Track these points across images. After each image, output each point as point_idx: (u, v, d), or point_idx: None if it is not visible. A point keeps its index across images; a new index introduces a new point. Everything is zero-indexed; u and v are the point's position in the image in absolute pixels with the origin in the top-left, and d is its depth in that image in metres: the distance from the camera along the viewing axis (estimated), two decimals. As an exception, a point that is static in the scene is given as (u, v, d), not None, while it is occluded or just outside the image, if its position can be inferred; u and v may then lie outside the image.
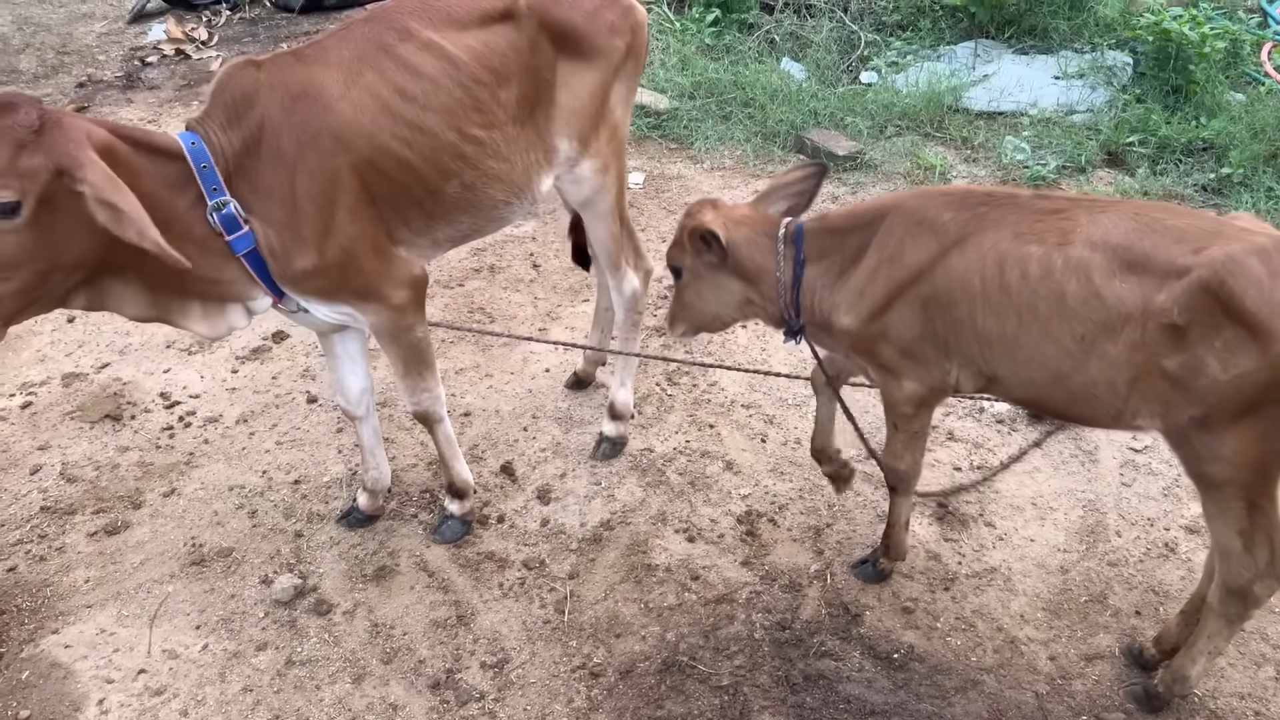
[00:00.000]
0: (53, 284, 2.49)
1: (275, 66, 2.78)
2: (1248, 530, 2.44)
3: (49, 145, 2.33)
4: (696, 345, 4.35)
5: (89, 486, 3.61)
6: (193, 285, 2.73)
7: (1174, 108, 5.78)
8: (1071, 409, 2.60)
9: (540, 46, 3.11)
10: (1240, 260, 2.22)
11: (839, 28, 6.96)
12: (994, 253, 2.50)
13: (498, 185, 3.11)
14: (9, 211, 2.31)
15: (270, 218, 2.73)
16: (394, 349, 3.13)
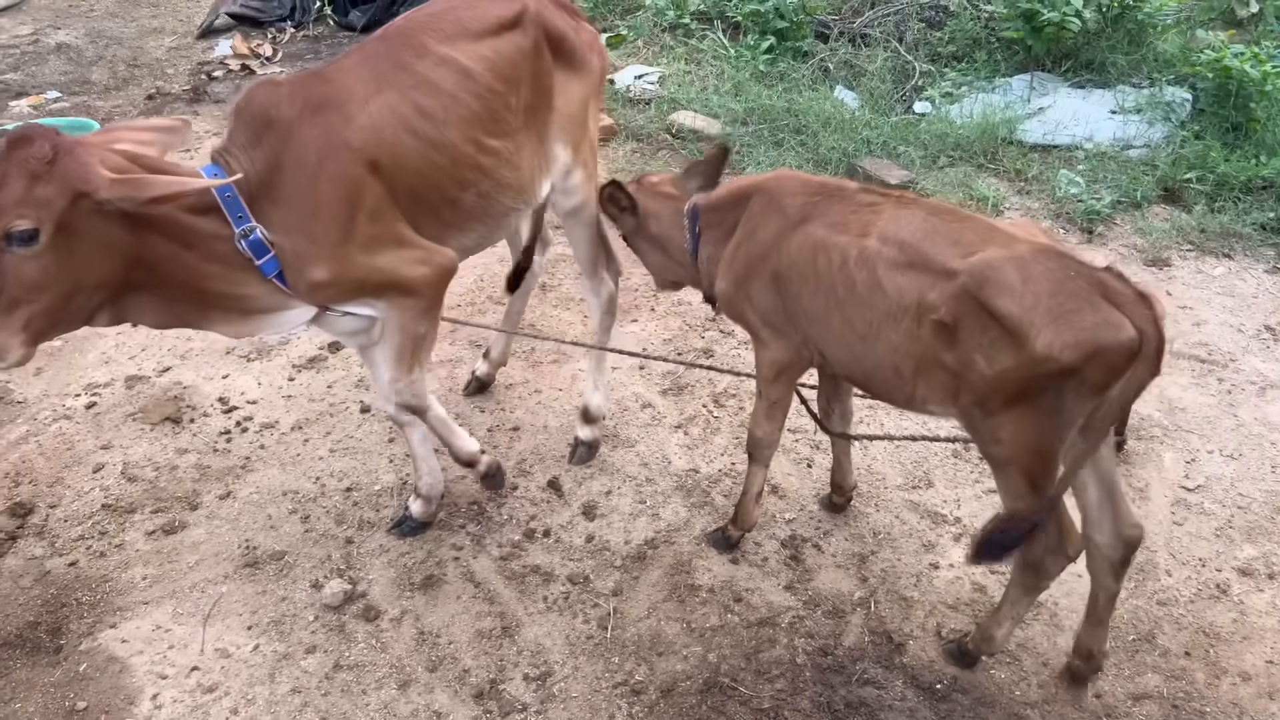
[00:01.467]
0: (77, 304, 2.60)
1: (296, 84, 2.87)
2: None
3: (62, 174, 2.44)
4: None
5: (148, 486, 3.71)
6: (212, 296, 2.81)
7: (1233, 145, 5.73)
8: (872, 387, 2.87)
9: (542, 53, 3.24)
10: (997, 267, 2.42)
11: (894, 57, 6.99)
12: (814, 238, 2.77)
13: (509, 193, 3.21)
14: (28, 239, 2.44)
15: (289, 227, 2.78)
16: (399, 338, 3.10)
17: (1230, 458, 3.87)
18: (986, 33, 6.98)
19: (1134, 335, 2.32)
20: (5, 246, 2.45)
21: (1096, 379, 2.37)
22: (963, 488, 3.73)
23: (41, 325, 2.57)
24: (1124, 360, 2.34)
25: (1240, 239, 5.20)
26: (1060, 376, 2.38)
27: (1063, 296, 2.36)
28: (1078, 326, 2.33)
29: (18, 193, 2.42)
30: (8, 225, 2.43)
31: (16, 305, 2.51)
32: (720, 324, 4.66)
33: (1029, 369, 2.39)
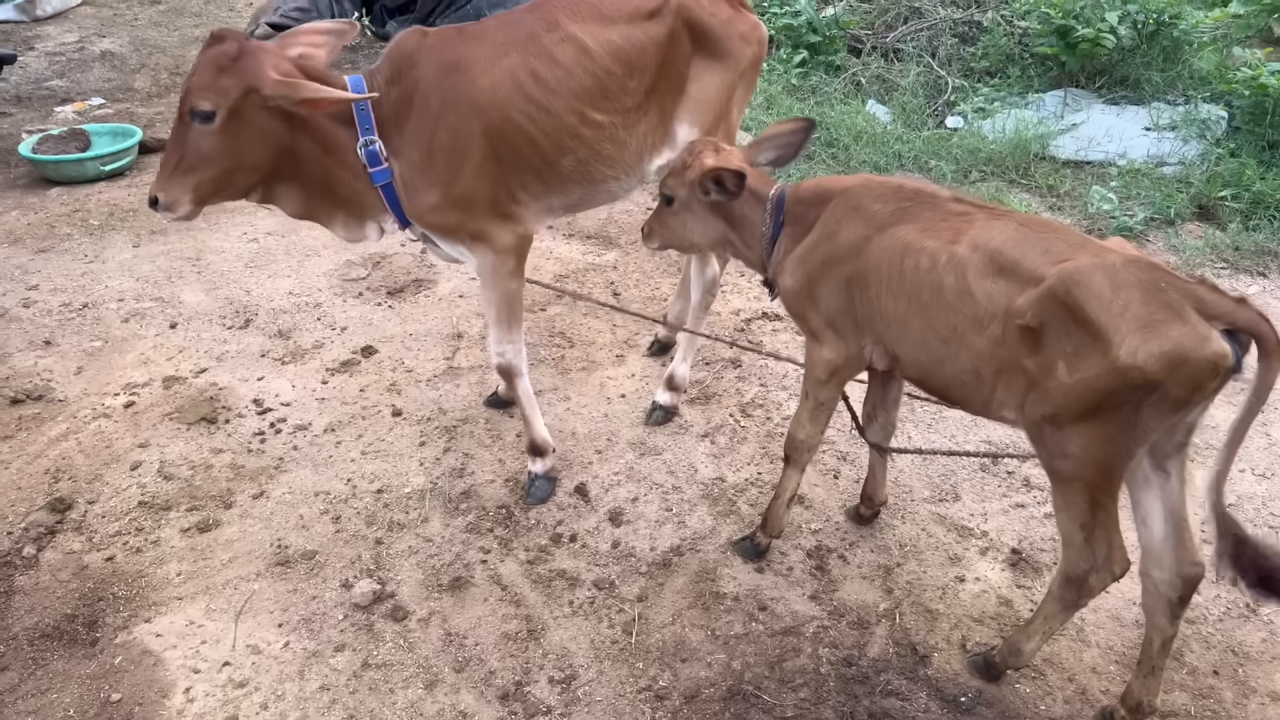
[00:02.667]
0: (236, 179, 3.19)
1: (438, 38, 3.32)
2: (1089, 525, 2.61)
3: (241, 70, 2.99)
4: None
5: (184, 485, 3.78)
6: (339, 198, 3.34)
7: (1269, 163, 5.68)
8: (950, 392, 2.85)
9: (679, 42, 3.52)
10: (1087, 272, 2.41)
11: (926, 72, 7.00)
12: (901, 242, 2.77)
13: (609, 164, 3.54)
14: (207, 118, 3.02)
15: (410, 159, 3.25)
16: (491, 293, 3.53)
17: (1262, 477, 3.84)
18: (1020, 48, 6.98)
19: (1221, 349, 2.29)
20: (190, 121, 3.04)
21: (1178, 393, 2.34)
22: (990, 501, 3.73)
23: (206, 190, 3.16)
24: (1208, 374, 2.31)
25: (1275, 257, 5.16)
26: (1142, 389, 2.35)
27: (1153, 306, 2.34)
28: (1164, 336, 2.30)
29: (206, 80, 3.00)
30: (193, 104, 3.02)
31: (191, 170, 3.11)
32: (748, 335, 4.68)
33: (1111, 378, 2.36)
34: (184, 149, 3.09)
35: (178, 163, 3.12)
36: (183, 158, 3.10)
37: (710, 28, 3.56)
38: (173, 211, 3.15)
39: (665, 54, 3.49)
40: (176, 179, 3.12)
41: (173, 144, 3.13)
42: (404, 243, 5.35)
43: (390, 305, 4.97)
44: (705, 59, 3.59)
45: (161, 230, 5.67)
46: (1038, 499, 3.73)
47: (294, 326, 4.78)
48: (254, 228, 5.70)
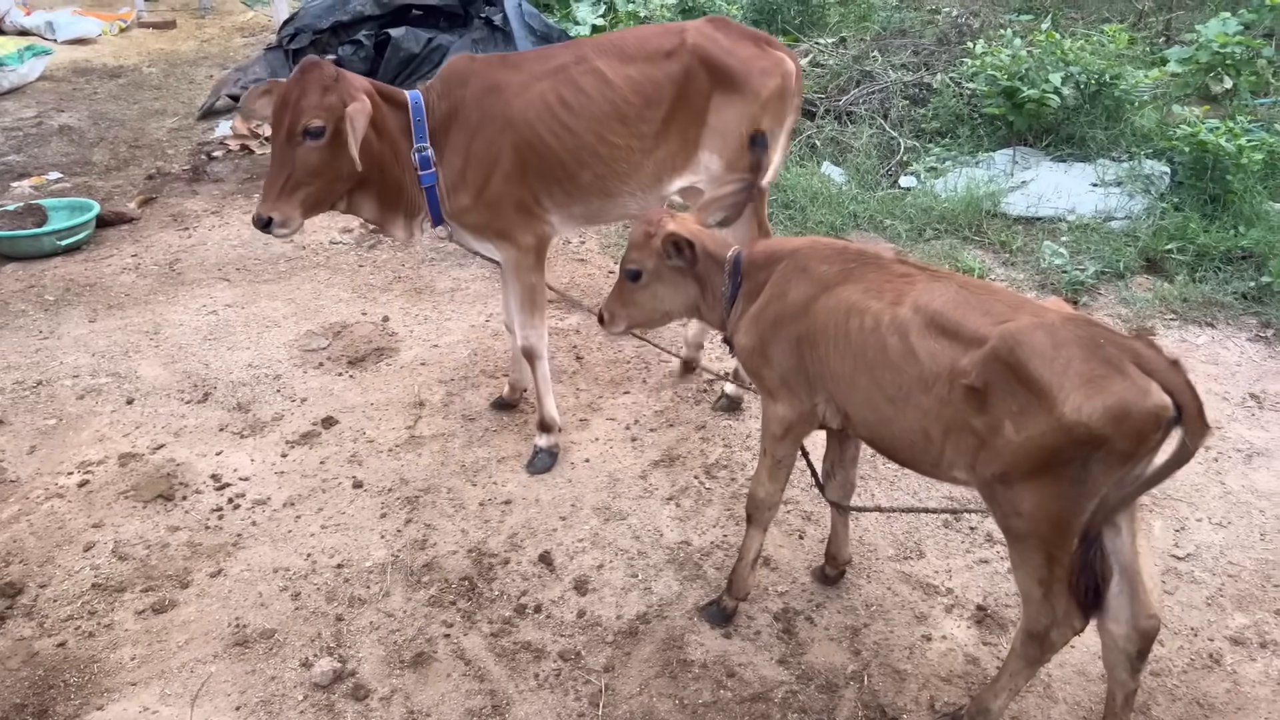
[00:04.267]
0: (336, 189, 3.66)
1: (484, 64, 3.94)
2: (1047, 580, 2.62)
3: (342, 89, 3.52)
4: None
5: (139, 565, 3.70)
6: (402, 201, 3.87)
7: (1212, 216, 5.84)
8: (899, 453, 2.89)
9: (696, 78, 3.93)
10: (1028, 331, 2.46)
11: (879, 134, 7.16)
12: (846, 303, 2.84)
13: (624, 181, 3.99)
14: (318, 134, 3.49)
15: (451, 165, 3.81)
16: (515, 285, 4.06)
17: (1219, 525, 3.89)
18: (969, 109, 7.16)
19: (1162, 401, 2.34)
20: (301, 139, 3.48)
21: (1124, 447, 2.38)
22: (954, 558, 3.74)
23: (312, 204, 3.61)
24: (1152, 427, 2.36)
25: (1222, 308, 5.28)
26: (1088, 444, 2.39)
27: (1094, 363, 2.39)
28: (1107, 391, 2.35)
29: (315, 100, 3.46)
30: (306, 123, 3.46)
31: (299, 186, 3.54)
32: (710, 394, 4.70)
33: (1057, 435, 2.40)
34: (292, 167, 3.51)
35: (285, 181, 3.52)
36: (290, 175, 3.52)
37: (728, 65, 3.94)
38: (287, 228, 3.57)
39: (681, 89, 3.91)
40: (285, 197, 3.53)
41: (278, 165, 3.53)
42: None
43: (351, 375, 4.95)
44: (725, 93, 3.96)
45: (118, 304, 5.63)
46: (1000, 554, 3.74)
47: (253, 399, 4.73)
48: (213, 299, 5.67)
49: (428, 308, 5.58)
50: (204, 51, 11.15)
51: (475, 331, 5.33)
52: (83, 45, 11.03)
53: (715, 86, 3.97)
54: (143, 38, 11.54)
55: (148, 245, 6.40)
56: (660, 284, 3.28)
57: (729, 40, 4.03)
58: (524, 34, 8.30)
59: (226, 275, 5.98)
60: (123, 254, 6.27)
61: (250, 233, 6.54)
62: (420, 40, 8.27)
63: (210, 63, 10.65)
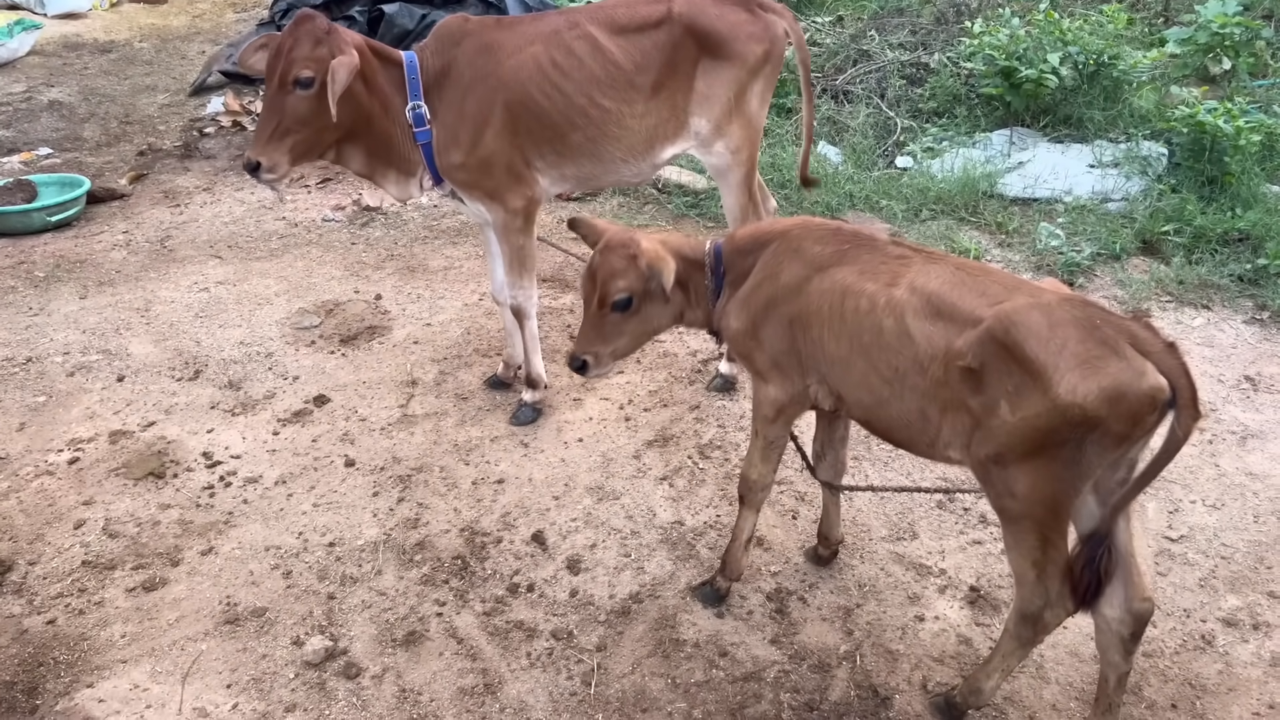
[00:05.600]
0: (324, 138, 3.76)
1: (479, 24, 4.00)
2: (1041, 562, 2.62)
3: (333, 41, 3.61)
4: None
5: (130, 543, 3.68)
6: (393, 157, 3.96)
7: (1209, 198, 5.82)
8: (895, 433, 2.88)
9: (684, 45, 3.98)
10: (1024, 312, 2.46)
11: (875, 114, 7.11)
12: (841, 284, 2.81)
13: (615, 145, 4.05)
14: (308, 84, 3.58)
15: (444, 122, 3.89)
16: (505, 245, 4.12)
17: (1213, 507, 3.88)
18: (966, 89, 7.11)
19: (1158, 383, 2.34)
20: (291, 88, 3.58)
21: (1119, 428, 2.37)
22: (947, 539, 3.73)
23: (300, 151, 3.72)
24: (1147, 409, 2.35)
25: (1218, 290, 5.26)
26: (1083, 425, 2.38)
27: (1090, 343, 2.38)
28: (1102, 372, 2.34)
29: (306, 51, 3.57)
30: (297, 73, 3.56)
31: (288, 133, 3.65)
32: (705, 375, 4.68)
33: (1052, 415, 2.39)
34: (282, 114, 3.61)
35: (275, 128, 3.63)
36: (280, 123, 3.62)
37: (716, 31, 3.99)
38: (274, 173, 3.66)
39: (669, 56, 3.98)
40: (275, 143, 3.64)
41: (269, 112, 3.64)
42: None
43: (343, 353, 4.92)
44: (712, 59, 4.02)
45: (109, 281, 5.58)
46: (994, 535, 3.74)
47: (245, 377, 4.70)
48: (204, 277, 5.63)
49: (421, 286, 5.55)
50: (196, 27, 11.04)
51: (469, 310, 5.30)
52: (73, 20, 10.92)
53: (703, 52, 4.01)
54: (134, 13, 11.42)
55: (139, 222, 6.35)
56: (649, 305, 3.18)
57: (717, 6, 4.05)
58: (519, 8, 8.23)
59: (218, 252, 5.94)
60: (113, 230, 6.22)
61: (243, 209, 6.50)
62: (414, 16, 8.20)
63: (202, 38, 10.55)
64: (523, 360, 4.43)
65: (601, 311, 3.13)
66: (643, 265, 3.06)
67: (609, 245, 3.13)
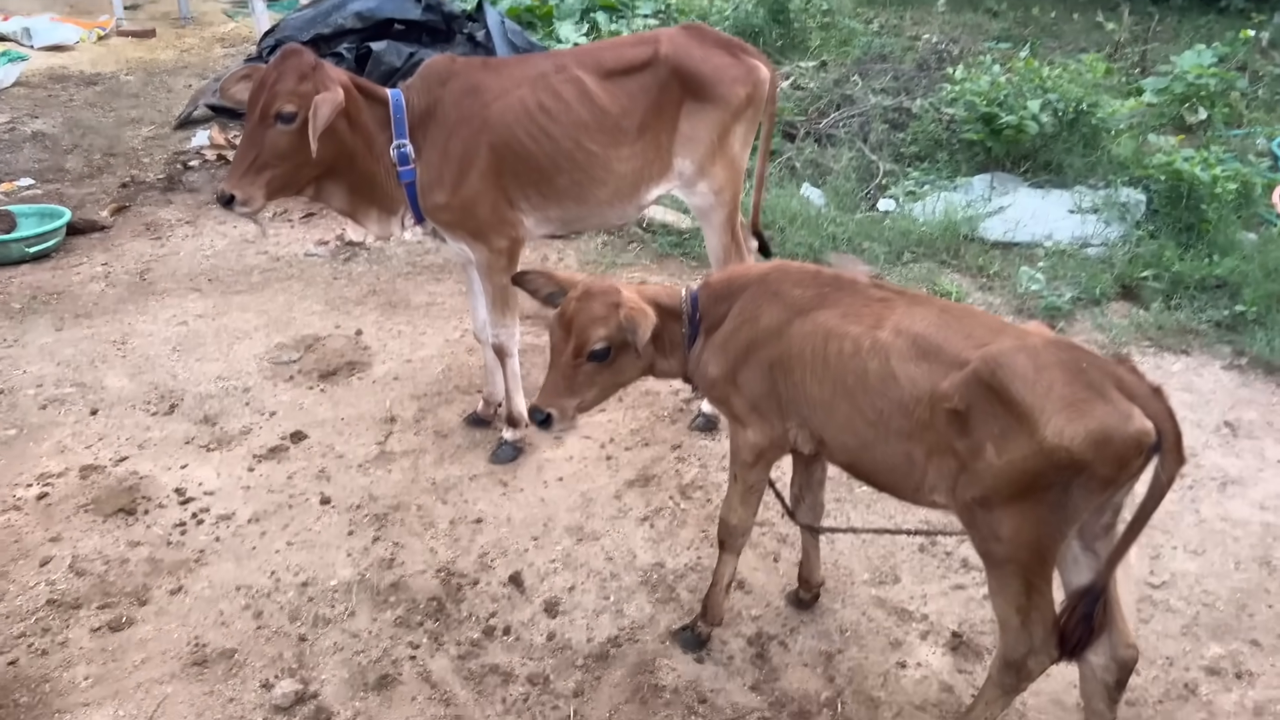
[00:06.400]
0: (303, 174, 3.70)
1: (466, 65, 4.00)
2: (1025, 608, 2.59)
3: (318, 77, 3.59)
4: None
5: (97, 581, 3.60)
6: (375, 194, 3.92)
7: (1187, 245, 5.87)
8: (879, 477, 2.85)
9: (669, 87, 4.01)
10: (1010, 354, 2.45)
11: (858, 157, 7.17)
12: (824, 327, 2.80)
13: (601, 188, 4.04)
14: (290, 118, 3.55)
15: (428, 161, 3.86)
16: (487, 285, 4.11)
17: (1194, 554, 3.87)
18: (948, 134, 7.18)
19: (1144, 427, 2.33)
20: (272, 122, 3.55)
21: (1105, 472, 2.36)
22: (929, 583, 3.70)
23: (277, 185, 3.66)
24: (1133, 452, 2.34)
25: (1197, 335, 5.29)
26: (1069, 469, 2.36)
27: (1076, 386, 2.38)
28: (1089, 415, 2.33)
29: (290, 85, 3.54)
30: (279, 107, 3.53)
31: (265, 167, 3.60)
32: (687, 413, 4.65)
33: (1039, 459, 2.38)
34: (261, 148, 3.58)
35: (253, 161, 3.58)
36: (258, 156, 3.58)
37: (701, 73, 4.01)
38: (248, 207, 3.62)
39: (655, 98, 4.00)
40: (251, 176, 3.59)
41: (247, 145, 3.60)
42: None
43: (322, 389, 4.87)
44: (696, 101, 4.04)
45: (86, 313, 5.52)
46: (976, 580, 3.70)
47: (221, 412, 4.64)
48: (183, 310, 5.57)
49: (402, 321, 5.51)
50: (183, 61, 11.05)
51: (450, 346, 5.26)
52: (60, 52, 10.90)
53: (687, 95, 4.05)
54: (121, 46, 11.42)
55: (119, 254, 6.30)
56: (624, 356, 3.07)
57: (702, 49, 4.10)
58: (506, 50, 8.27)
59: (198, 285, 5.89)
60: (93, 262, 6.17)
61: (225, 242, 6.47)
62: (402, 54, 8.22)
63: (189, 72, 10.55)
64: (504, 398, 4.39)
65: (575, 361, 3.01)
66: (622, 317, 2.96)
67: (588, 292, 3.02)
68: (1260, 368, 5.03)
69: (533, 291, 3.26)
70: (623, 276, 6.02)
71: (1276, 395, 4.86)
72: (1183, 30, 10.36)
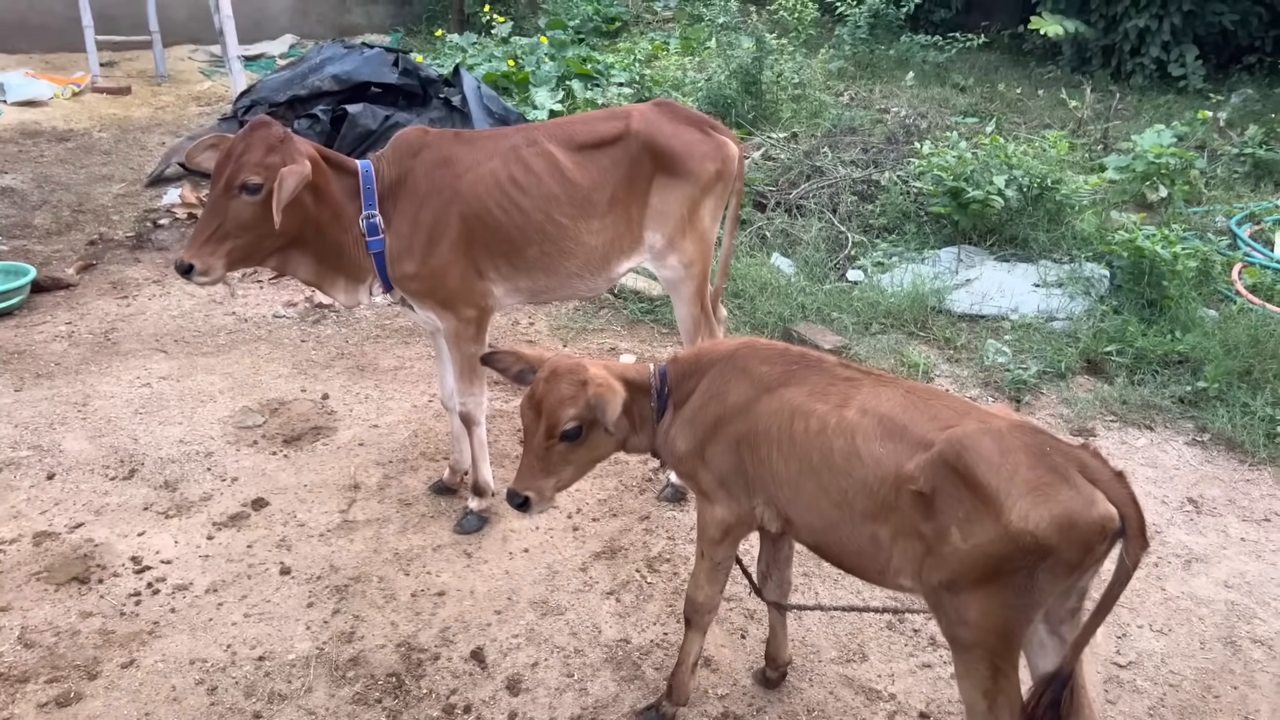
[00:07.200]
0: (265, 245, 3.68)
1: (438, 137, 4.02)
2: (991, 691, 2.55)
3: (286, 150, 3.58)
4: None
5: (46, 653, 3.49)
6: (343, 264, 3.90)
7: (1149, 320, 5.96)
8: (845, 559, 2.83)
9: (641, 162, 4.07)
10: (975, 437, 2.46)
11: (828, 227, 7.27)
12: (790, 405, 2.80)
13: (571, 260, 4.07)
14: (255, 190, 3.53)
15: (398, 231, 3.87)
16: (455, 354, 4.10)
17: (1160, 633, 3.87)
18: (915, 207, 7.30)
19: (1108, 512, 2.35)
20: (236, 193, 3.54)
21: (1070, 557, 2.36)
22: (897, 661, 3.67)
23: (238, 256, 3.65)
24: (1097, 537, 2.35)
25: (1160, 411, 5.35)
26: (1035, 553, 2.36)
27: (1040, 470, 2.39)
28: (1053, 500, 2.34)
29: (257, 157, 3.53)
30: (245, 178, 3.51)
31: (226, 238, 3.57)
32: (656, 482, 4.62)
33: (1004, 543, 2.38)
34: (224, 218, 3.56)
35: (214, 231, 3.56)
36: (220, 226, 3.56)
37: (671, 149, 4.08)
38: (207, 276, 3.59)
39: (626, 173, 4.05)
40: (211, 246, 3.57)
41: (210, 214, 3.58)
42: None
43: (286, 454, 4.80)
44: (667, 176, 4.10)
45: (47, 373, 5.44)
46: (943, 658, 3.68)
47: (182, 477, 4.56)
48: (147, 371, 5.50)
49: (369, 386, 5.48)
50: (158, 118, 11.06)
51: (417, 412, 5.22)
52: (33, 107, 10.88)
53: (658, 169, 4.11)
54: (96, 102, 11.43)
55: (83, 313, 6.23)
56: (596, 433, 3.02)
57: (673, 125, 4.17)
58: (482, 115, 8.36)
59: (164, 346, 5.83)
60: (56, 321, 6.09)
61: (192, 303, 6.42)
62: (378, 117, 8.29)
63: (163, 130, 10.55)
64: (470, 466, 4.35)
65: (548, 442, 2.99)
66: (590, 395, 2.94)
67: (555, 372, 2.99)
68: (1222, 444, 5.09)
69: (502, 370, 3.24)
70: (593, 343, 6.03)
71: (1239, 472, 4.91)
72: (1143, 109, 10.65)
